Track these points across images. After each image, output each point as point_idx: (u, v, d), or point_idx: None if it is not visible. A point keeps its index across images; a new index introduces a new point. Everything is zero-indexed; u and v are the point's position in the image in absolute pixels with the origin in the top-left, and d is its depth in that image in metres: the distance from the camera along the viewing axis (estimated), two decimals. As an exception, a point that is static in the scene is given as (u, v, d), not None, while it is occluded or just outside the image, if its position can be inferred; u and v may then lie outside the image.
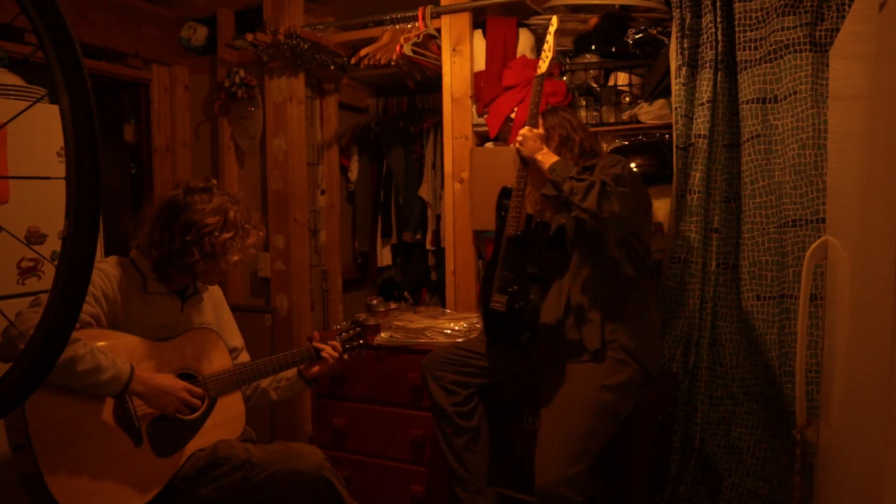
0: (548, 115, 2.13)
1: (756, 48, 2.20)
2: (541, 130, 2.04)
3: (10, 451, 1.56)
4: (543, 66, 2.04)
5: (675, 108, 2.32)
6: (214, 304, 2.00)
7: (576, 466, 1.78)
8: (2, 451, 1.72)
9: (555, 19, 2.10)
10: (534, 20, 2.71)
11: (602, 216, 1.82)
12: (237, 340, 2.04)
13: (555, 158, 1.98)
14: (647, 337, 2.01)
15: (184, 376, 1.77)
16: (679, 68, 2.31)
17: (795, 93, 2.10)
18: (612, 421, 1.89)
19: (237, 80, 3.16)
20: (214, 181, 1.86)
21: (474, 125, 2.76)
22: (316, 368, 1.99)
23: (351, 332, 2.11)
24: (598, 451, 1.86)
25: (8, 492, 1.91)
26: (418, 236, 3.55)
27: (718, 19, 2.23)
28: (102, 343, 1.63)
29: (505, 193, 2.15)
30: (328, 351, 1.98)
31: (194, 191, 1.79)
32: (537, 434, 1.91)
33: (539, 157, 2.00)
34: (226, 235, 1.77)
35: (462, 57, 2.74)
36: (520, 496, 2.17)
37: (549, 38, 2.05)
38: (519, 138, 2.03)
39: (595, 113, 2.55)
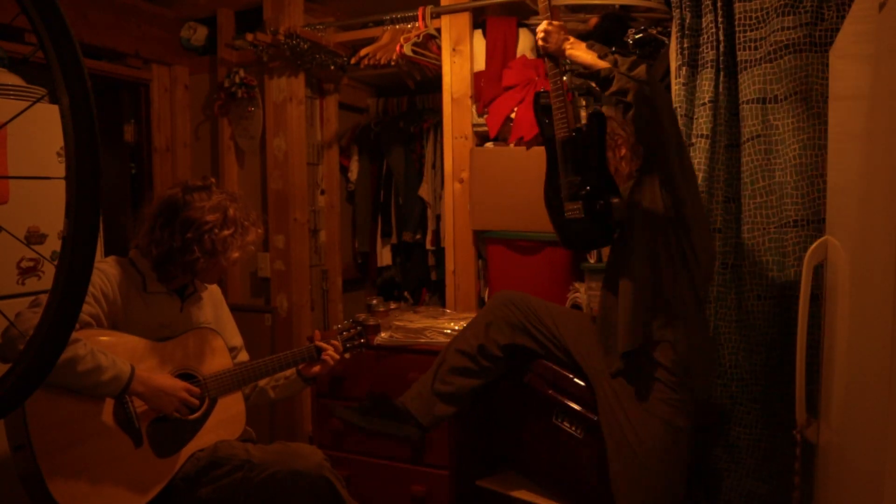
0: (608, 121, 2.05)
1: (756, 48, 2.20)
2: (558, 22, 1.93)
3: (10, 451, 1.56)
4: None
5: (676, 108, 2.31)
6: (214, 304, 2.00)
7: None
8: (2, 452, 1.72)
9: None
10: (534, 20, 2.71)
11: (653, 84, 1.72)
12: (236, 340, 2.05)
13: (583, 44, 1.87)
14: (704, 353, 1.90)
15: (184, 376, 1.77)
16: (679, 68, 2.31)
17: (795, 93, 2.10)
18: (685, 451, 1.84)
19: (237, 80, 3.16)
20: (213, 179, 1.87)
21: (474, 125, 2.76)
22: (316, 368, 1.99)
23: (352, 330, 2.11)
24: (682, 491, 1.83)
25: (8, 492, 1.91)
26: (418, 236, 3.55)
27: (719, 19, 2.23)
28: (102, 342, 1.63)
29: (542, 95, 2.03)
30: (329, 352, 1.98)
31: (193, 189, 1.80)
32: (610, 479, 1.87)
33: (567, 46, 1.87)
34: (226, 232, 1.78)
35: (462, 57, 2.74)
36: (538, 500, 2.18)
37: None
38: (540, 34, 1.90)
39: (595, 113, 2.55)
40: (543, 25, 1.90)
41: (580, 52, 1.84)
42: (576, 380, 2.06)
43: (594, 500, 2.04)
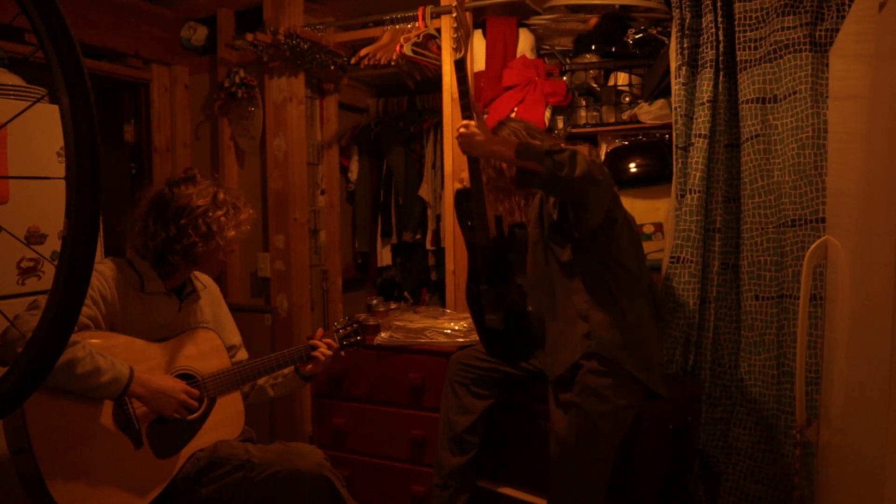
0: (497, 128, 2.04)
1: (756, 48, 2.20)
2: (477, 122, 1.81)
3: (10, 454, 1.56)
4: (461, 50, 1.76)
5: (675, 108, 2.32)
6: (212, 302, 2.01)
7: None
8: (2, 453, 1.72)
9: None
10: (534, 20, 2.71)
11: (597, 178, 1.65)
12: (235, 338, 2.05)
13: (512, 142, 1.75)
14: (642, 347, 1.89)
15: (183, 377, 1.77)
16: (679, 68, 2.31)
17: (795, 93, 2.10)
18: (614, 447, 1.87)
19: (237, 80, 3.16)
20: (196, 170, 1.88)
21: (474, 125, 2.76)
22: (310, 366, 1.99)
23: (348, 328, 2.11)
24: (606, 479, 1.86)
25: (8, 493, 1.91)
26: (418, 236, 3.55)
27: (719, 19, 2.23)
28: (101, 344, 1.62)
29: (464, 195, 1.94)
30: (322, 349, 1.98)
31: (178, 182, 1.83)
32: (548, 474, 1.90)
33: (495, 147, 1.74)
34: (219, 213, 1.80)
35: (462, 57, 2.74)
36: (532, 499, 2.18)
37: (460, 16, 1.76)
38: (459, 138, 1.77)
39: (595, 113, 2.55)
40: (461, 128, 1.76)
41: (509, 151, 1.70)
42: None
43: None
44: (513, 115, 2.63)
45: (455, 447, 2.15)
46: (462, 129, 1.76)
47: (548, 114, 2.60)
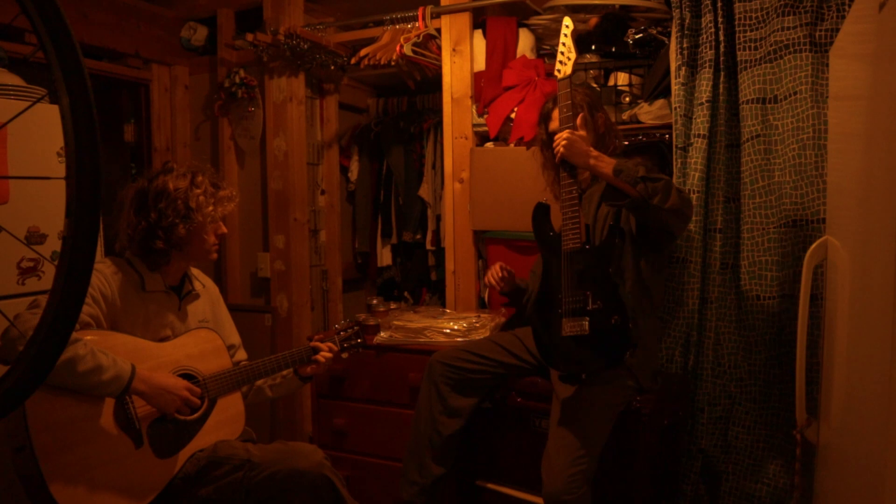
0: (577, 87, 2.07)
1: (756, 48, 2.20)
2: (582, 133, 1.88)
3: (10, 452, 1.56)
4: (566, 69, 1.91)
5: (675, 108, 2.32)
6: (212, 302, 2.01)
7: (575, 467, 1.79)
8: (2, 453, 1.72)
9: (569, 20, 1.99)
10: (534, 20, 2.71)
11: (685, 213, 1.78)
12: (234, 337, 2.06)
13: (611, 160, 1.81)
14: (652, 351, 2.01)
15: (184, 376, 1.77)
16: (679, 68, 2.31)
17: (795, 93, 2.10)
18: (610, 423, 1.90)
19: (237, 80, 3.16)
20: (173, 162, 1.89)
21: (474, 125, 2.76)
22: (310, 368, 1.99)
23: (349, 330, 2.11)
24: (598, 451, 1.86)
25: (8, 493, 1.91)
26: (418, 236, 3.55)
27: (719, 19, 2.23)
28: (102, 342, 1.63)
29: (543, 211, 1.98)
30: (323, 353, 1.99)
31: (156, 174, 1.84)
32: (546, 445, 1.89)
33: (593, 162, 1.82)
34: (197, 191, 1.82)
35: (462, 57, 2.74)
36: (530, 498, 2.18)
37: (567, 41, 1.94)
38: (563, 142, 1.84)
39: (595, 113, 2.55)
40: (566, 134, 1.85)
41: (607, 167, 1.81)
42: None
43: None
44: (513, 115, 2.63)
45: (440, 455, 2.12)
46: (568, 135, 1.84)
47: (548, 114, 2.60)
